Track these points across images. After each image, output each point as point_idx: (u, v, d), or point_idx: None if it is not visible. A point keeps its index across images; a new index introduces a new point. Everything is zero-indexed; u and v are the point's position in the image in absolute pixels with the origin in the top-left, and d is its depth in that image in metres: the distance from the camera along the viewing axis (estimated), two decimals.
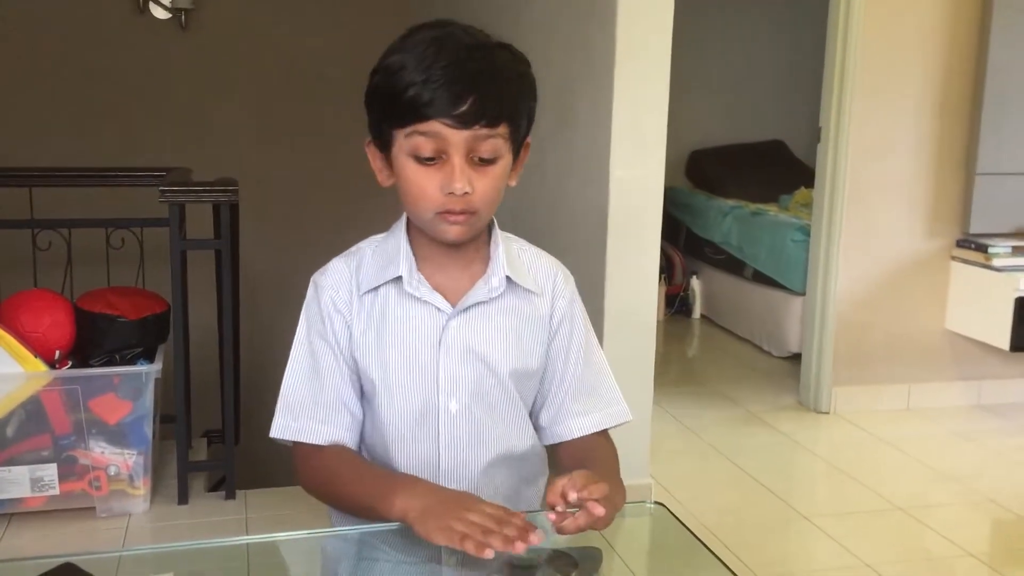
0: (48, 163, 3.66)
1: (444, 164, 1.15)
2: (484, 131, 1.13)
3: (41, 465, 2.62)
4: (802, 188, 5.17)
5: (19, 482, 2.61)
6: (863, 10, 3.65)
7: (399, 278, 1.23)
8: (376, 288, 1.24)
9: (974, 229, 3.84)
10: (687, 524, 1.24)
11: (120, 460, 2.68)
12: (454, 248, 1.23)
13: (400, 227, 1.27)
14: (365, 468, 1.25)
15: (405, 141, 1.15)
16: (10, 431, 2.61)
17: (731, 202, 5.43)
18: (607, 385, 1.35)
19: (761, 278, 4.84)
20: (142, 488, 2.72)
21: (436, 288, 1.24)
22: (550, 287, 1.31)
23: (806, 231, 4.21)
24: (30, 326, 2.66)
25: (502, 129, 1.15)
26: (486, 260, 1.27)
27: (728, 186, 5.65)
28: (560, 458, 1.34)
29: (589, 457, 1.28)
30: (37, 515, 2.65)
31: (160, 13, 4.54)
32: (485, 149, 1.15)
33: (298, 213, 4.66)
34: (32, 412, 2.62)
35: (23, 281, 3.07)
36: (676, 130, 3.01)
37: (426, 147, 1.14)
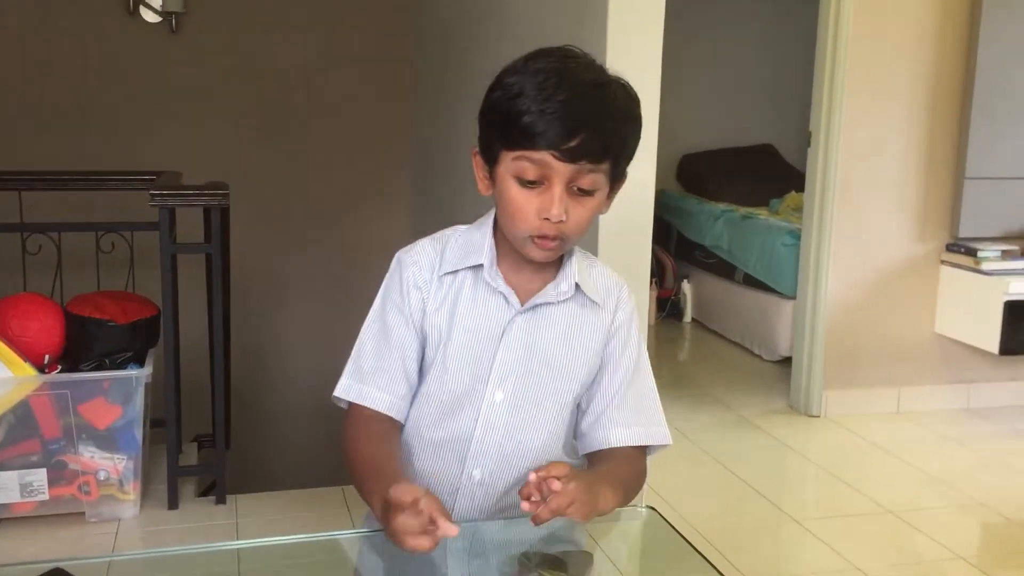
0: (38, 166, 3.65)
1: (545, 191, 1.20)
2: (588, 166, 1.19)
3: (30, 470, 2.61)
4: (792, 192, 5.18)
5: (8, 487, 2.60)
6: (852, 16, 3.66)
7: (479, 267, 1.29)
8: (456, 272, 1.30)
9: (963, 233, 3.86)
10: (678, 527, 1.24)
11: (110, 465, 2.67)
12: None
13: (488, 222, 1.33)
14: (383, 456, 1.26)
15: (512, 163, 1.21)
16: None
17: (722, 206, 5.44)
18: (652, 406, 1.38)
19: (752, 282, 4.85)
20: (132, 493, 2.71)
21: (509, 285, 1.30)
22: (613, 301, 1.36)
23: (796, 235, 4.22)
24: (19, 330, 2.65)
25: (605, 165, 1.22)
26: (558, 266, 1.33)
27: (719, 190, 5.67)
28: (589, 465, 1.36)
29: (607, 461, 1.31)
30: (26, 520, 2.64)
31: (150, 16, 4.53)
32: (585, 182, 1.21)
33: (289, 217, 4.65)
34: (21, 417, 2.60)
35: (12, 285, 3.06)
36: (667, 134, 3.01)
37: (531, 172, 1.20)
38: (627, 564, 1.25)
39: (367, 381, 1.30)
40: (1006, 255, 3.79)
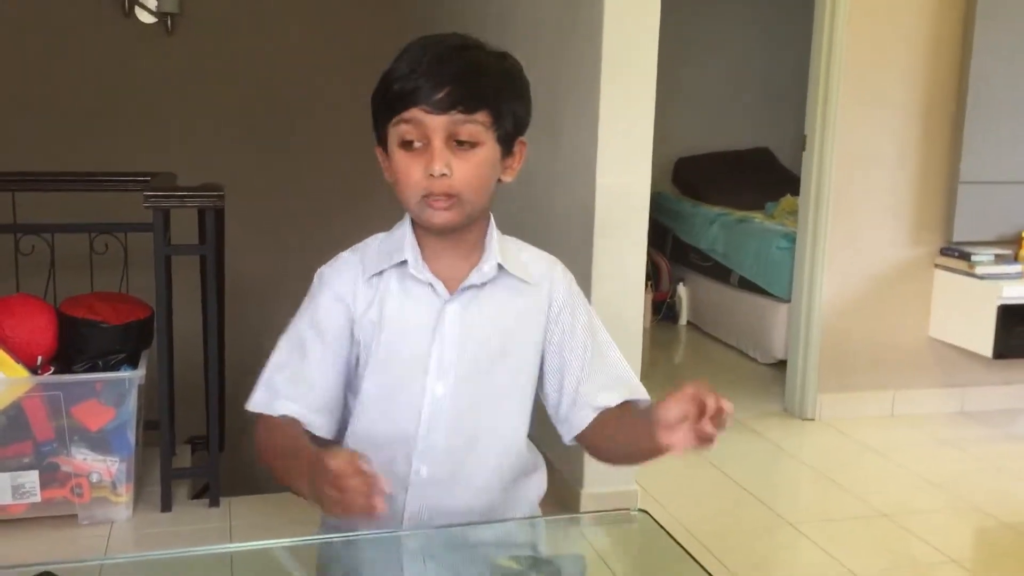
0: (32, 167, 3.64)
1: (426, 150, 1.22)
2: (461, 116, 1.21)
3: (22, 472, 2.60)
4: (788, 195, 5.19)
5: (0, 489, 2.59)
6: (848, 20, 3.67)
7: (404, 263, 1.30)
8: (381, 272, 1.31)
9: (957, 237, 3.87)
10: (673, 530, 1.24)
11: (102, 467, 2.66)
12: (453, 240, 1.30)
13: (406, 221, 1.34)
14: (294, 439, 1.26)
15: (393, 131, 1.24)
16: None
17: (717, 209, 5.44)
18: (625, 372, 1.37)
19: (747, 285, 4.85)
20: (124, 495, 2.70)
21: (437, 275, 1.30)
22: (547, 281, 1.36)
23: (791, 238, 4.23)
24: (12, 331, 2.64)
25: (481, 116, 1.23)
26: (483, 252, 1.33)
27: (714, 193, 5.67)
28: (597, 438, 1.33)
29: (641, 414, 1.28)
30: (18, 522, 2.63)
31: (146, 17, 4.52)
32: (463, 133, 1.22)
33: (284, 218, 4.65)
34: (14, 418, 2.60)
35: (6, 286, 3.05)
36: (663, 137, 3.01)
37: (409, 133, 1.22)
38: (620, 568, 1.24)
39: (279, 395, 1.30)
40: (999, 259, 3.79)
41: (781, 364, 4.34)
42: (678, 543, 1.21)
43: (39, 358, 2.68)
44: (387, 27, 4.65)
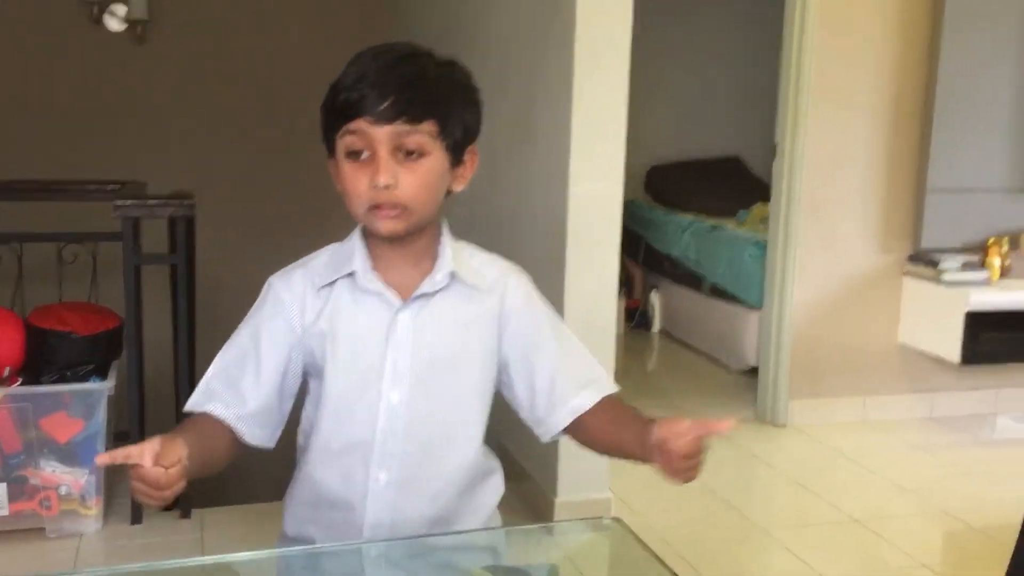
0: (0, 176, 3.60)
1: (372, 160, 1.23)
2: (406, 127, 1.21)
3: None
4: (759, 203, 5.22)
5: None
6: (816, 30, 3.70)
7: (353, 274, 1.30)
8: (332, 283, 1.31)
9: (925, 244, 3.91)
10: (646, 538, 1.24)
11: (71, 479, 2.63)
12: (403, 248, 1.30)
13: (357, 231, 1.34)
14: (184, 428, 1.28)
15: (340, 143, 1.24)
16: None
17: (689, 217, 5.47)
18: (593, 364, 1.39)
19: (719, 292, 4.88)
20: (94, 508, 2.67)
21: (388, 284, 1.31)
22: (498, 285, 1.36)
23: (762, 246, 4.25)
24: None
25: (427, 126, 1.23)
26: (435, 260, 1.33)
27: (686, 201, 5.70)
28: (577, 433, 1.35)
29: (624, 416, 1.31)
30: None
31: (115, 25, 4.49)
32: (409, 143, 1.22)
33: (256, 225, 4.62)
34: None
35: None
36: (635, 145, 3.03)
37: (355, 143, 1.23)
38: None
39: (213, 398, 1.31)
40: (967, 266, 3.84)
41: (753, 371, 4.37)
42: (651, 551, 1.22)
43: (7, 369, 2.64)
44: (354, 34, 4.65)
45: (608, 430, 1.32)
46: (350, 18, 4.54)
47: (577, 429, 1.35)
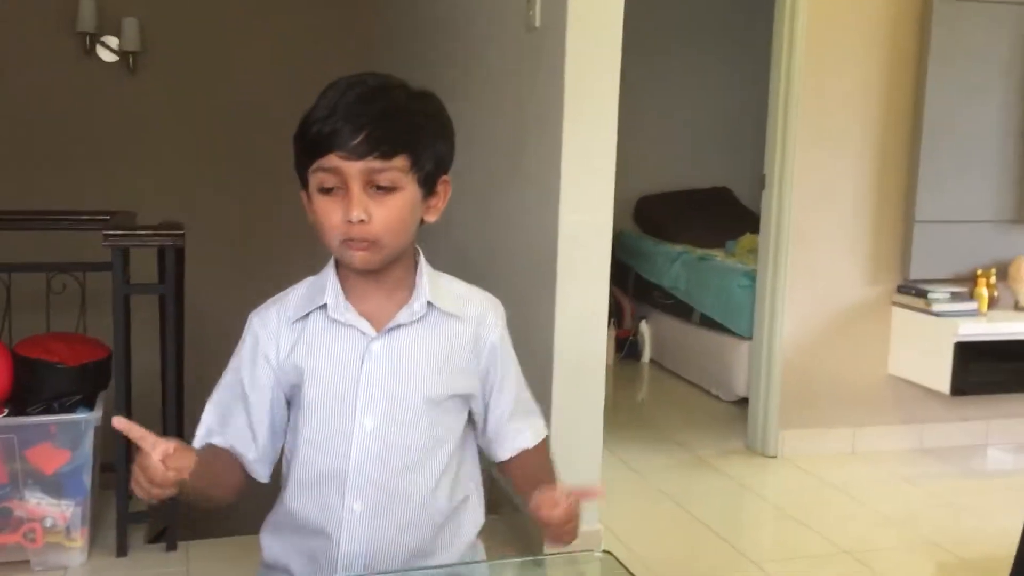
0: None
1: (345, 195, 1.23)
2: (378, 163, 1.22)
3: None
4: (748, 234, 5.24)
5: None
6: (803, 62, 3.74)
7: (325, 306, 1.31)
8: (306, 316, 1.33)
9: (914, 275, 3.93)
10: (636, 570, 1.24)
11: (56, 511, 2.61)
12: (378, 279, 1.31)
13: (330, 263, 1.36)
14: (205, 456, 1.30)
15: (313, 178, 1.25)
16: None
17: (678, 247, 5.49)
18: (533, 406, 1.47)
19: (708, 323, 4.88)
20: (79, 540, 2.64)
21: (363, 315, 1.31)
22: (475, 317, 1.37)
23: (752, 276, 4.27)
24: None
25: (399, 161, 1.23)
26: (411, 289, 1.34)
27: (675, 231, 5.72)
28: (511, 470, 1.45)
29: (537, 468, 1.43)
30: None
31: (107, 56, 4.51)
32: (382, 179, 1.23)
33: (247, 256, 4.62)
34: None
35: None
36: (625, 176, 3.04)
37: (328, 180, 1.23)
38: None
39: (215, 436, 1.35)
40: (955, 297, 3.86)
41: (743, 401, 4.37)
42: None
43: None
44: (347, 69, 4.68)
45: (519, 483, 1.42)
46: (343, 52, 4.57)
47: (506, 467, 1.44)
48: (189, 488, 1.17)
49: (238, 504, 1.37)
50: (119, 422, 1.15)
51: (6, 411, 2.64)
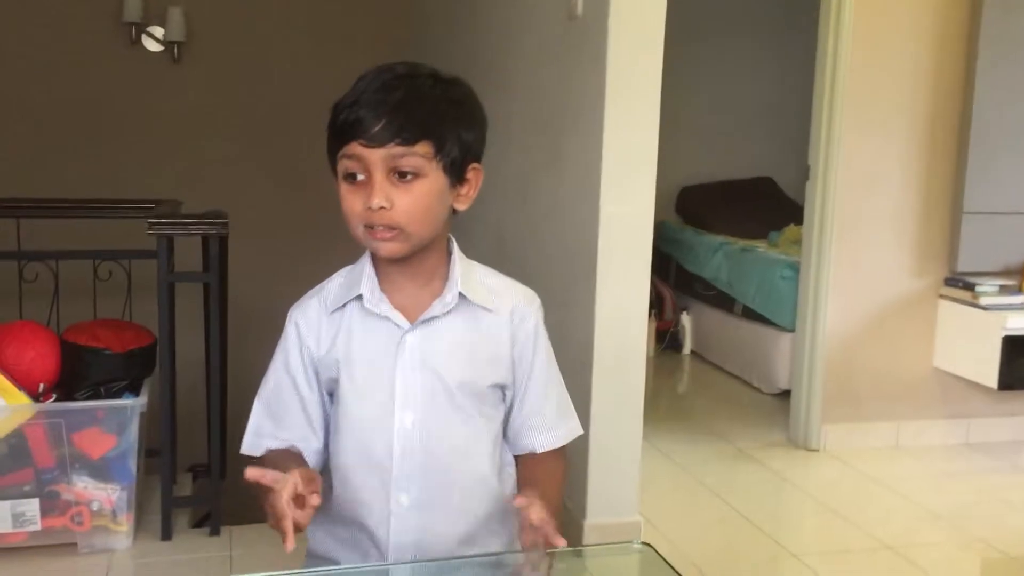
0: (37, 194, 3.65)
1: (368, 182, 1.24)
2: (399, 149, 1.22)
3: (23, 500, 2.59)
4: (791, 225, 5.19)
5: (0, 517, 2.57)
6: (851, 49, 3.68)
7: (360, 297, 1.32)
8: (343, 307, 1.33)
9: (962, 267, 3.86)
10: (676, 562, 1.23)
11: (103, 495, 2.65)
12: (412, 269, 1.31)
13: (366, 253, 1.35)
14: (281, 457, 1.31)
15: (339, 165, 1.27)
16: None
17: (720, 238, 5.45)
18: (565, 404, 1.44)
19: (751, 314, 4.84)
20: (125, 524, 2.68)
21: (397, 307, 1.31)
22: (508, 308, 1.36)
23: (795, 268, 4.22)
24: (14, 359, 2.64)
25: (421, 148, 1.23)
26: (445, 279, 1.34)
27: (718, 222, 5.68)
28: (518, 469, 1.43)
29: (540, 477, 1.38)
30: (18, 551, 2.61)
31: (153, 46, 4.56)
32: (404, 165, 1.23)
33: (288, 245, 4.66)
34: (15, 446, 2.59)
35: (9, 313, 3.06)
36: (666, 166, 3.02)
37: (351, 167, 1.24)
38: None
39: (266, 437, 1.36)
40: (1004, 290, 3.79)
41: (785, 394, 4.33)
42: None
43: (41, 385, 2.67)
44: (391, 55, 4.69)
45: (519, 483, 1.40)
46: (385, 41, 4.58)
47: (520, 460, 1.42)
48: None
49: None
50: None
51: (54, 396, 2.68)
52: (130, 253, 3.07)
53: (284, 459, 1.29)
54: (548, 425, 1.40)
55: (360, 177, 1.24)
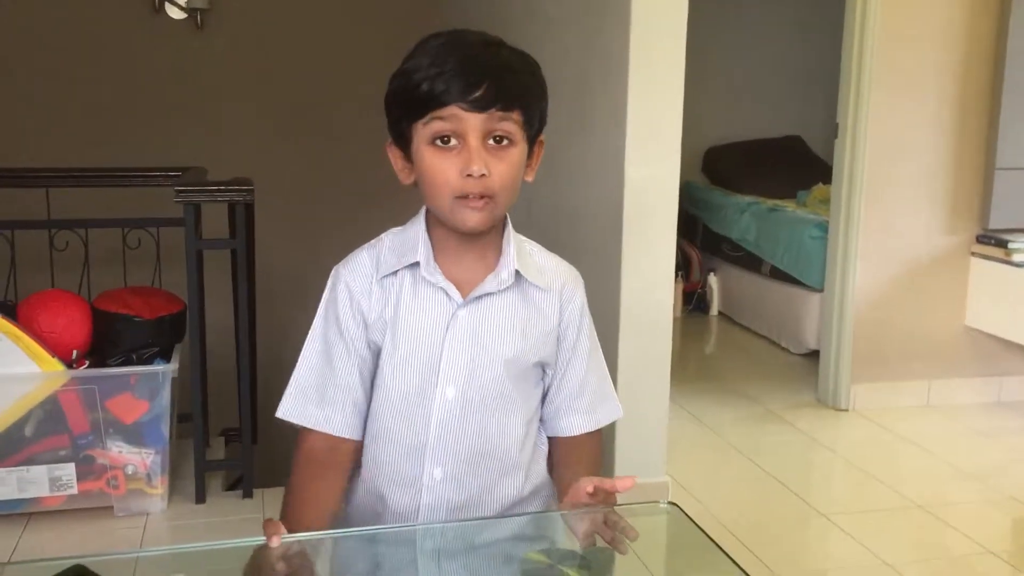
0: (65, 163, 3.68)
1: (462, 149, 1.20)
2: (499, 114, 1.20)
3: (59, 464, 2.63)
4: (820, 184, 5.14)
5: (38, 482, 2.62)
6: (880, 6, 3.61)
7: (416, 264, 1.28)
8: (395, 272, 1.30)
9: (994, 224, 3.81)
10: (704, 522, 1.23)
11: (137, 459, 2.69)
12: (470, 241, 1.28)
13: (420, 218, 1.32)
14: (305, 492, 1.31)
15: (425, 130, 1.21)
16: (28, 431, 2.62)
17: (748, 198, 5.40)
18: (606, 385, 1.42)
19: (779, 275, 4.81)
20: (159, 487, 2.73)
21: (450, 279, 1.29)
22: (558, 288, 1.35)
23: (824, 227, 4.19)
24: (47, 326, 2.68)
25: (516, 115, 1.21)
26: (499, 254, 1.31)
27: (745, 182, 5.63)
28: (553, 450, 1.41)
29: (574, 460, 1.37)
30: (55, 514, 2.67)
31: (176, 13, 4.55)
32: (501, 130, 1.21)
33: (313, 211, 4.67)
34: (50, 412, 2.63)
35: (41, 281, 3.09)
36: (693, 126, 2.99)
37: (446, 129, 1.20)
38: (649, 560, 1.24)
39: (309, 403, 1.31)
40: None
41: (814, 354, 4.31)
42: (708, 536, 1.20)
43: (74, 352, 2.71)
44: (418, 22, 4.66)
45: (555, 465, 1.39)
46: (414, 6, 4.55)
47: (555, 442, 1.40)
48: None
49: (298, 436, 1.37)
50: (271, 525, 1.17)
51: (87, 363, 2.72)
52: (158, 221, 3.09)
53: (318, 510, 1.30)
54: (586, 407, 1.37)
55: (453, 142, 1.20)
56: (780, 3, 5.93)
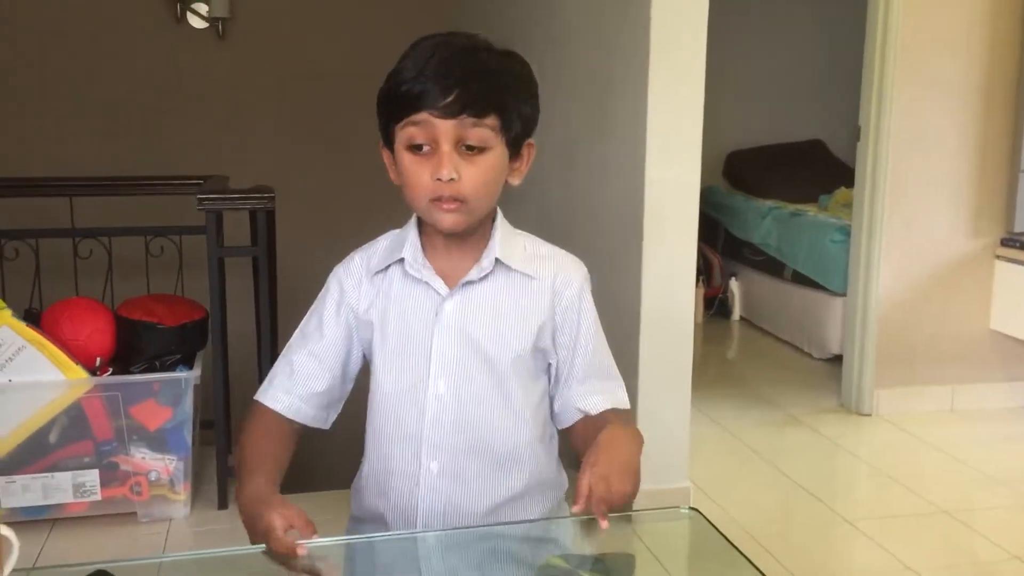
0: (88, 172, 3.71)
1: (435, 154, 1.23)
2: (470, 121, 1.22)
3: (83, 471, 2.65)
4: (842, 188, 5.11)
5: (62, 488, 2.64)
6: (903, 6, 3.59)
7: (403, 260, 1.33)
8: (385, 269, 1.34)
9: (1019, 227, 3.77)
10: (726, 528, 1.23)
11: (161, 466, 2.71)
12: (456, 237, 1.31)
13: (413, 218, 1.36)
14: (263, 444, 1.34)
15: (401, 134, 1.25)
16: (53, 438, 2.64)
17: (769, 203, 5.38)
18: (613, 372, 1.41)
19: (801, 279, 4.78)
20: (183, 493, 2.74)
21: (439, 273, 1.32)
22: (550, 276, 1.35)
23: (846, 231, 4.16)
24: (71, 334, 2.70)
25: (490, 121, 1.23)
26: (485, 246, 1.34)
27: (766, 186, 5.60)
28: (574, 437, 1.38)
29: (601, 425, 1.30)
30: (79, 520, 2.69)
31: (197, 22, 4.59)
32: (472, 137, 1.23)
33: (334, 218, 4.68)
34: (74, 419, 2.65)
35: (65, 289, 3.12)
36: (713, 130, 2.98)
37: (418, 136, 1.23)
38: (670, 566, 1.23)
39: (275, 385, 1.37)
40: None
41: (836, 359, 4.28)
42: (730, 542, 1.20)
43: (98, 359, 2.73)
44: (435, 26, 4.67)
45: (581, 449, 1.33)
46: (427, 13, 4.56)
47: (569, 433, 1.39)
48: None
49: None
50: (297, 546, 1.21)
51: (110, 370, 2.74)
52: (180, 229, 3.12)
53: (273, 459, 1.32)
54: (596, 389, 1.37)
55: (425, 148, 1.23)
56: (801, 6, 5.90)
